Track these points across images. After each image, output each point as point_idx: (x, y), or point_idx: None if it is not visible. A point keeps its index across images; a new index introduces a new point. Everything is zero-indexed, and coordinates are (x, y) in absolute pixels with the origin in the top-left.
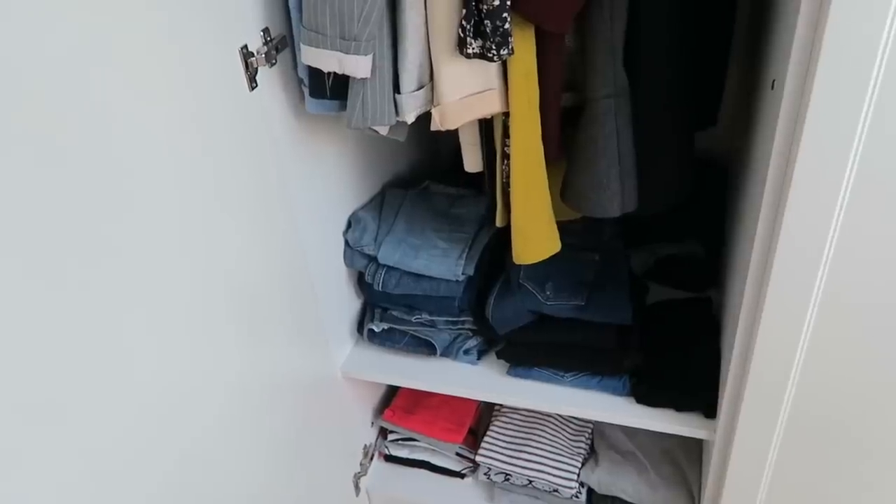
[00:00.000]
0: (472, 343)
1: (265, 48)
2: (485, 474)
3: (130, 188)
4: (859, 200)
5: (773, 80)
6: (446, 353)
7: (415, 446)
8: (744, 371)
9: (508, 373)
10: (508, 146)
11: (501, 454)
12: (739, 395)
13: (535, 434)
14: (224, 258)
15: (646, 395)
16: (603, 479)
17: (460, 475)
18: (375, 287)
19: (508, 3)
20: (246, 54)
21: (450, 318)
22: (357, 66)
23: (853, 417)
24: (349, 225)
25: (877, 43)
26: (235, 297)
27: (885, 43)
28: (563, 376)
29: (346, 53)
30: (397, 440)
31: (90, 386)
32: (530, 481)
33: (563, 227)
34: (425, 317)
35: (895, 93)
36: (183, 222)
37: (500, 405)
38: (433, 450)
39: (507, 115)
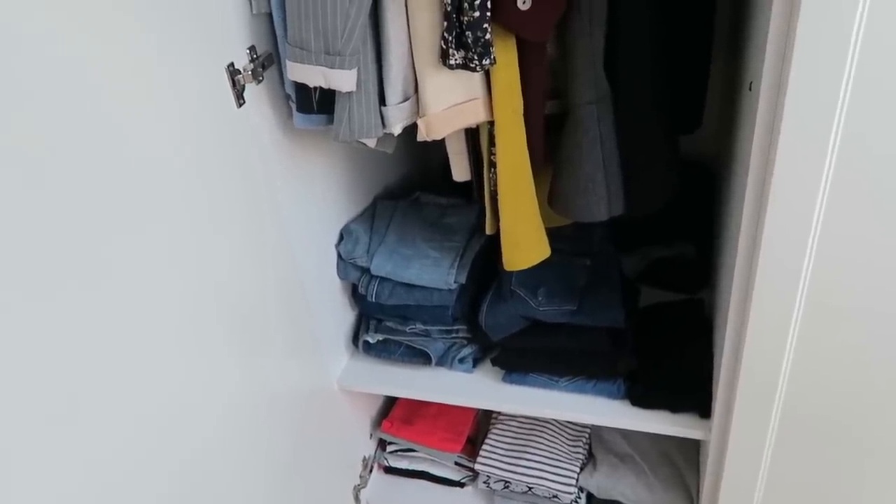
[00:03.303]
0: (466, 351)
1: (252, 65)
2: (484, 482)
3: (120, 206)
4: (838, 198)
5: (751, 82)
6: (441, 362)
7: (414, 457)
8: (735, 371)
9: (504, 379)
10: (494, 154)
11: (500, 462)
12: (732, 395)
13: (532, 440)
14: (215, 274)
15: (641, 398)
16: (602, 483)
17: (460, 484)
18: (369, 298)
19: (488, 14)
20: (232, 72)
21: (444, 327)
22: (342, 80)
23: (845, 414)
24: (341, 237)
25: (846, 43)
26: (228, 312)
27: (854, 43)
28: (557, 381)
29: (331, 68)
30: (396, 451)
31: (84, 402)
32: (530, 488)
33: (554, 233)
34: (419, 326)
35: (867, 91)
36: (173, 239)
37: (498, 413)
38: (432, 460)
39: (492, 123)
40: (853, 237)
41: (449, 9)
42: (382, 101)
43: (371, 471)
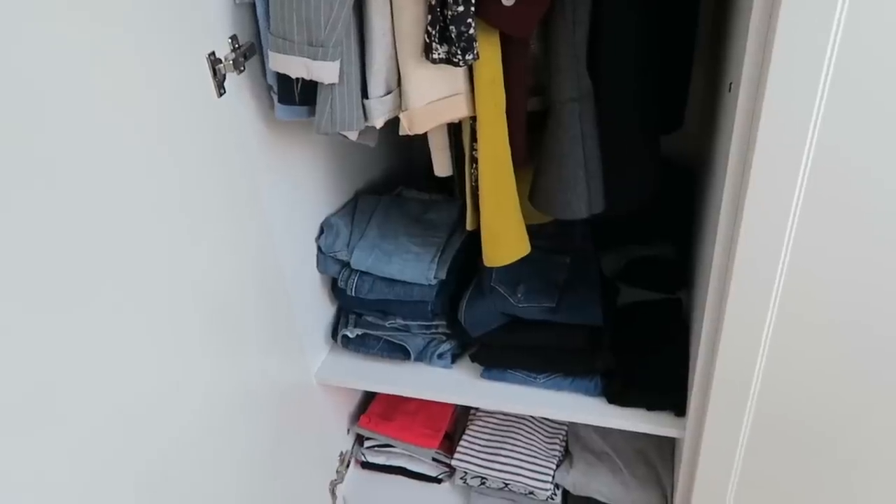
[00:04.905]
0: (445, 347)
1: (233, 55)
2: (461, 479)
3: (94, 198)
4: (813, 200)
5: (730, 83)
6: (420, 357)
7: (391, 452)
8: (710, 370)
9: (482, 376)
10: (476, 150)
11: (477, 458)
12: (706, 394)
13: (510, 437)
14: (192, 266)
15: (617, 395)
16: (578, 480)
17: (437, 480)
18: (349, 293)
19: (473, 9)
20: (213, 61)
21: (423, 323)
22: (324, 71)
23: (817, 415)
24: (322, 231)
25: (825, 44)
26: (206, 305)
27: (832, 44)
28: (535, 378)
29: (314, 59)
30: (374, 447)
31: (54, 396)
32: (506, 484)
33: (534, 231)
34: (399, 321)
35: (843, 93)
36: (150, 231)
37: (476, 409)
38: (410, 455)
39: (474, 119)
40: (829, 237)
41: (433, 3)
42: (365, 93)
43: (348, 466)
